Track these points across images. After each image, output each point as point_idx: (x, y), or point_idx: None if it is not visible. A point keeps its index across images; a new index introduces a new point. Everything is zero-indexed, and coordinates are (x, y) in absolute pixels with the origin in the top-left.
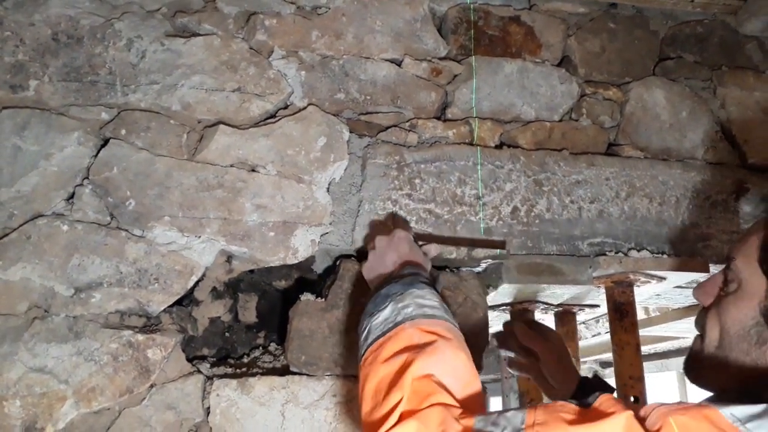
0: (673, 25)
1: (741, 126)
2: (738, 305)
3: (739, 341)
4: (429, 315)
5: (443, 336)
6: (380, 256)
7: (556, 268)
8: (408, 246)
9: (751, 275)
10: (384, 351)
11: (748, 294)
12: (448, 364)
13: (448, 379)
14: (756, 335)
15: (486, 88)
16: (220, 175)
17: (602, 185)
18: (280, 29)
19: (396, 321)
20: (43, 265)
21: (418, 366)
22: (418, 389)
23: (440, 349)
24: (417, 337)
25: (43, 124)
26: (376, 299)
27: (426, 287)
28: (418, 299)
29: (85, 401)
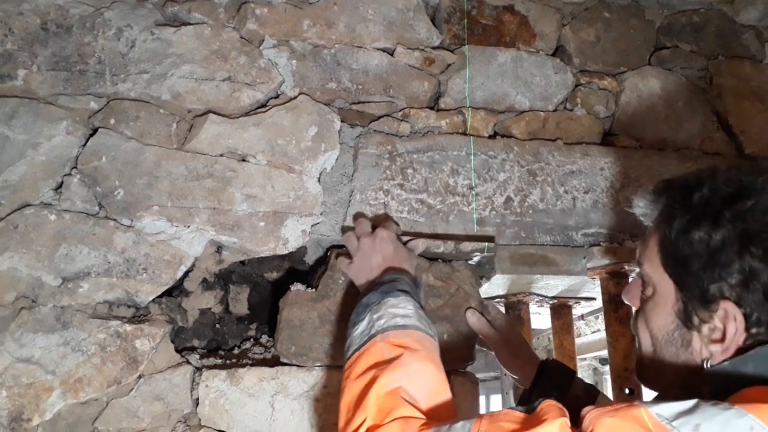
0: (668, 14)
1: (737, 116)
2: (657, 310)
3: (668, 345)
4: (400, 325)
5: (410, 348)
6: (366, 258)
7: (550, 259)
8: (392, 247)
9: (660, 280)
10: (356, 367)
11: (663, 298)
12: (414, 376)
13: (415, 389)
14: (680, 338)
15: (479, 77)
16: (210, 165)
17: (597, 175)
18: (271, 18)
19: (370, 334)
20: (31, 254)
21: (382, 382)
22: (383, 405)
23: (405, 362)
24: (387, 351)
25: (31, 113)
26: (358, 308)
27: (402, 295)
28: (392, 308)
29: (72, 392)
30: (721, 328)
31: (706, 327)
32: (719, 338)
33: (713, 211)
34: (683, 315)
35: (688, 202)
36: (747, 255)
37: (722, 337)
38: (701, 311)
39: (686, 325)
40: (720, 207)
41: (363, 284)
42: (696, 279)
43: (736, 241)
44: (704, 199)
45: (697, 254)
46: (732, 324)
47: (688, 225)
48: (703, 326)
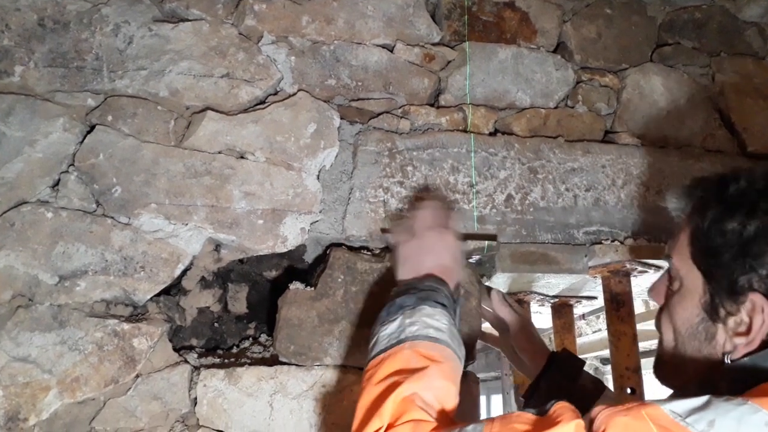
0: (670, 10)
1: (740, 113)
2: (683, 304)
3: (691, 339)
4: (432, 337)
5: (437, 362)
6: (420, 252)
7: (551, 257)
8: (450, 257)
9: (688, 272)
10: (381, 370)
11: (690, 291)
12: (433, 388)
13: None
14: (704, 332)
15: (480, 74)
16: (208, 162)
17: (598, 173)
18: (270, 14)
19: (399, 338)
20: (27, 252)
21: (402, 390)
22: (397, 410)
23: (430, 375)
24: (413, 360)
25: (28, 110)
26: (390, 307)
27: (439, 307)
28: (427, 318)
29: (69, 391)
30: (747, 321)
31: (732, 320)
32: (744, 331)
33: (749, 201)
34: (710, 307)
35: (723, 194)
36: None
37: (748, 329)
38: (728, 303)
39: (712, 318)
40: (756, 198)
41: (403, 275)
42: (726, 270)
43: None
44: (740, 190)
45: (728, 244)
46: (759, 316)
47: (721, 215)
48: (729, 319)
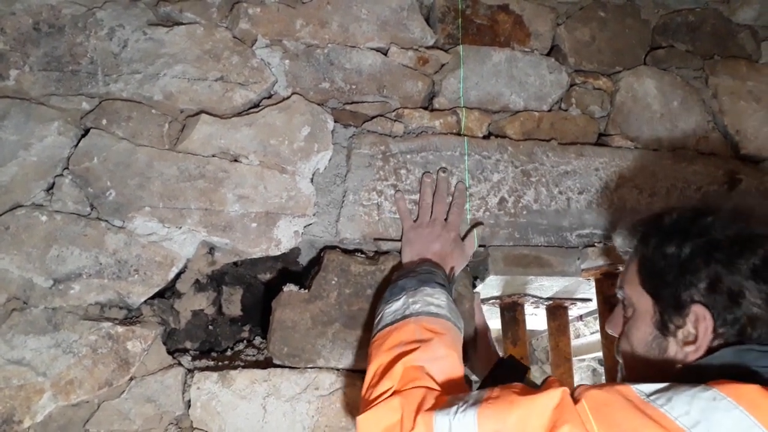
0: (664, 13)
1: (733, 116)
2: (637, 325)
3: (647, 354)
4: (433, 313)
5: (440, 334)
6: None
7: (544, 260)
8: (452, 245)
9: (639, 298)
10: (389, 340)
11: (642, 314)
12: (439, 361)
13: (436, 371)
14: (657, 347)
15: (474, 77)
16: (202, 165)
17: (591, 176)
18: (264, 18)
19: (404, 314)
20: (22, 256)
21: (411, 358)
22: (408, 375)
23: (434, 347)
24: (418, 333)
25: (23, 113)
26: (393, 289)
27: (438, 287)
28: (428, 297)
29: (64, 394)
30: (693, 332)
31: (680, 332)
32: (692, 340)
33: (682, 228)
34: (660, 324)
35: (660, 225)
36: (712, 262)
37: (695, 338)
38: (676, 318)
39: (663, 333)
40: (687, 224)
41: (407, 258)
42: (670, 288)
43: (703, 251)
44: (674, 220)
45: (670, 266)
46: (702, 324)
47: (661, 242)
48: (678, 331)
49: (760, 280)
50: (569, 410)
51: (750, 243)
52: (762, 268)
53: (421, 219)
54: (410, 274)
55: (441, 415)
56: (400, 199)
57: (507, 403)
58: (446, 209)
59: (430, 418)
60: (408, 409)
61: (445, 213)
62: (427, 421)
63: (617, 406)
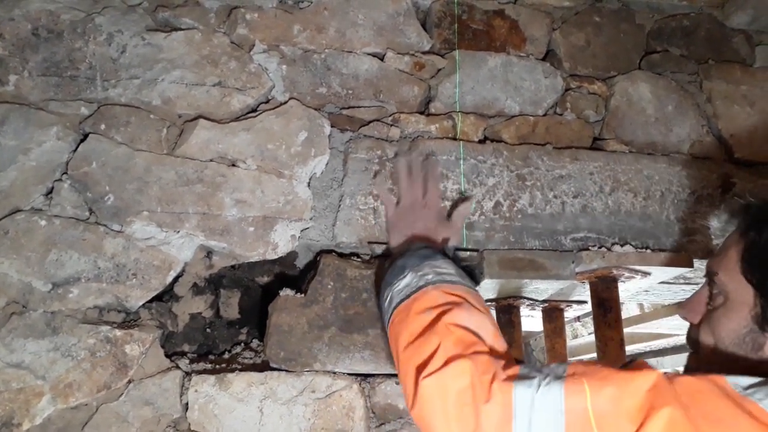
0: (659, 18)
1: (727, 120)
2: (729, 316)
3: (736, 349)
4: (448, 281)
5: (465, 298)
6: (411, 218)
7: (538, 263)
8: (437, 220)
9: (737, 286)
10: (414, 307)
11: (737, 304)
12: (476, 321)
13: (484, 333)
14: (751, 341)
15: (469, 82)
16: (200, 170)
17: (586, 180)
18: (262, 23)
19: (419, 285)
20: (21, 260)
21: (451, 316)
22: (462, 337)
23: (466, 307)
24: (442, 298)
25: (22, 119)
26: (394, 270)
27: (441, 257)
28: (436, 268)
29: (62, 397)
30: None
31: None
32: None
33: None
34: (761, 318)
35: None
36: None
37: None
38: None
39: (762, 328)
40: None
41: (394, 242)
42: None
43: None
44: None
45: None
46: None
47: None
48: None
49: None
50: (667, 393)
51: None
52: None
53: (402, 202)
54: (406, 253)
55: (522, 387)
56: (379, 184)
57: (598, 379)
58: (423, 186)
59: (509, 390)
60: (478, 375)
61: (422, 190)
62: (505, 392)
63: (712, 396)
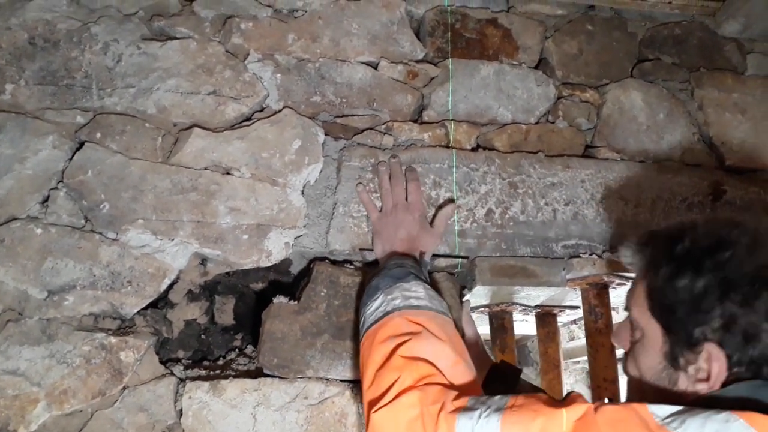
0: (651, 26)
1: (719, 128)
2: (646, 352)
3: (657, 382)
4: (414, 306)
5: (426, 327)
6: (393, 226)
7: (530, 270)
8: (418, 226)
9: (648, 324)
10: (378, 335)
11: (651, 341)
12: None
13: (442, 362)
14: (667, 377)
15: (462, 90)
16: (194, 178)
17: (577, 187)
18: (257, 32)
19: (386, 311)
20: (17, 268)
21: (407, 348)
22: (416, 369)
23: (425, 336)
24: (405, 326)
25: (18, 127)
26: (369, 291)
27: (412, 279)
28: (405, 291)
29: (58, 403)
30: (706, 368)
31: (692, 367)
32: (704, 378)
33: (695, 261)
34: (670, 357)
35: (672, 253)
36: (727, 301)
37: (707, 376)
38: (687, 353)
39: (673, 366)
40: (701, 257)
41: (380, 249)
42: (681, 323)
43: (717, 289)
44: (686, 249)
45: (681, 301)
46: (716, 364)
47: (672, 274)
48: (689, 367)
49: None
50: (592, 423)
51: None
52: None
53: (384, 208)
54: (382, 272)
55: (464, 418)
56: (362, 191)
57: (531, 411)
58: (404, 191)
59: (453, 421)
60: (427, 406)
61: (404, 195)
62: (450, 422)
63: (631, 425)
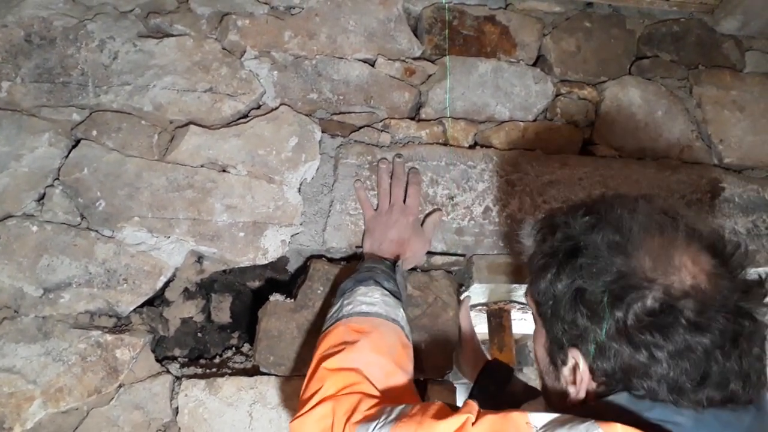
0: (649, 23)
1: (717, 125)
2: (537, 343)
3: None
4: (363, 312)
5: (367, 333)
6: (385, 226)
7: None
8: (410, 231)
9: (536, 315)
10: (321, 345)
11: (538, 333)
12: (369, 358)
13: (373, 370)
14: (552, 373)
15: (460, 88)
16: (190, 176)
17: (575, 185)
18: (253, 29)
19: (336, 317)
20: (13, 265)
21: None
22: (341, 379)
23: (360, 346)
24: (346, 335)
25: (14, 125)
26: (336, 292)
27: (372, 284)
28: (360, 297)
29: (53, 401)
30: (572, 374)
31: (565, 368)
32: (573, 380)
33: (557, 262)
34: (549, 353)
35: (543, 247)
36: (578, 313)
37: (573, 380)
38: (559, 353)
39: (553, 363)
40: (561, 259)
41: (368, 247)
42: (549, 323)
43: (572, 298)
44: (553, 248)
45: (545, 302)
46: (578, 372)
47: (540, 270)
48: (563, 367)
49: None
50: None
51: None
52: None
53: (380, 206)
54: (352, 274)
55: (362, 428)
56: (360, 188)
57: (415, 424)
58: (404, 192)
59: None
60: (339, 416)
61: (402, 196)
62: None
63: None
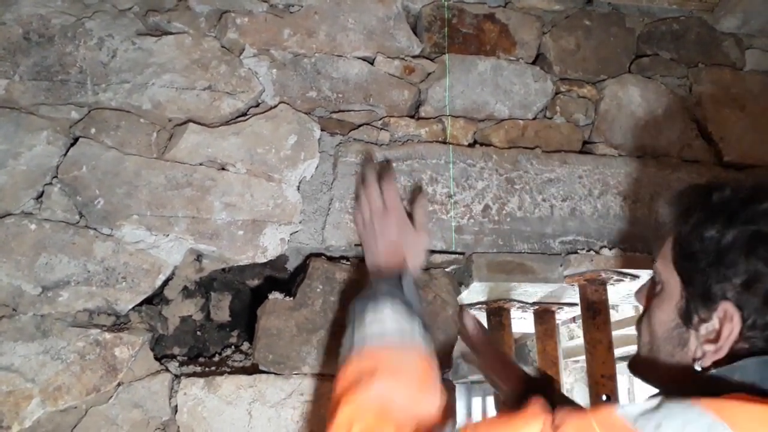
0: (649, 22)
1: (717, 124)
2: (662, 307)
3: (665, 343)
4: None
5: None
6: (373, 237)
7: (527, 267)
8: (396, 231)
9: (669, 276)
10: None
11: (669, 295)
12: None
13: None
14: (678, 337)
15: (459, 86)
16: (189, 174)
17: (575, 183)
18: (252, 27)
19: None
20: (11, 263)
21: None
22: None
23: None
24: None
25: (12, 123)
26: (348, 316)
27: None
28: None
29: (52, 400)
30: (718, 329)
31: (704, 326)
32: (714, 338)
33: (729, 210)
34: (684, 313)
35: (707, 201)
36: (753, 257)
37: (717, 336)
38: (702, 310)
39: (685, 323)
40: (737, 207)
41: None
42: (702, 276)
43: (746, 243)
44: (724, 198)
45: (706, 251)
46: (728, 324)
47: (702, 222)
48: (701, 325)
49: None
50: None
51: None
52: None
53: (363, 218)
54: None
55: None
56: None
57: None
58: (379, 196)
59: None
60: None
61: (378, 199)
62: None
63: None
